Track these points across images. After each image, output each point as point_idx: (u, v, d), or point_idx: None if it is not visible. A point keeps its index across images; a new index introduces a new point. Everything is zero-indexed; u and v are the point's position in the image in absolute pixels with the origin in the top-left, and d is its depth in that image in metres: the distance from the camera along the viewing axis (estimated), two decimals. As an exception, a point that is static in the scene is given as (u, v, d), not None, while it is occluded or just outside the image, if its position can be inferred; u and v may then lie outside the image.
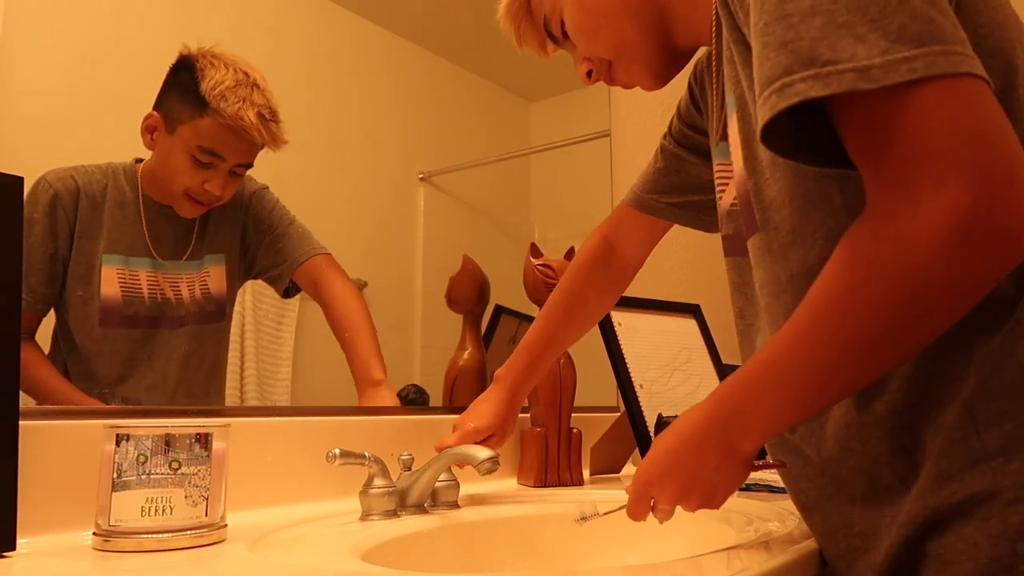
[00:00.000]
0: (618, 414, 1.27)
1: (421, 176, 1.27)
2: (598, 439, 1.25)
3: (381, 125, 1.20)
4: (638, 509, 0.67)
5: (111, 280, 0.85)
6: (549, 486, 1.11)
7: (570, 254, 1.22)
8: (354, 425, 0.99)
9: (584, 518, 0.75)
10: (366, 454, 0.85)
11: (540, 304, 1.22)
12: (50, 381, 0.81)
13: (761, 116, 0.50)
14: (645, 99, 1.76)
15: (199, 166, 0.90)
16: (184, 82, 0.90)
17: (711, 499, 0.63)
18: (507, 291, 1.35)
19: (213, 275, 0.92)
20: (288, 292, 1.03)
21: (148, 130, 0.88)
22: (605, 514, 0.74)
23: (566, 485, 1.12)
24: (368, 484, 0.85)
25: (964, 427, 0.53)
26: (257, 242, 0.98)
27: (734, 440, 0.58)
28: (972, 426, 0.53)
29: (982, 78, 0.47)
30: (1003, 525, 0.51)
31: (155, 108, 0.89)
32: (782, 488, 0.98)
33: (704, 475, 0.61)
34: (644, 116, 1.75)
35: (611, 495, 1.04)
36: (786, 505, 0.90)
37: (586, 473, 1.24)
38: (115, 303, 0.85)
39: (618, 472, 1.29)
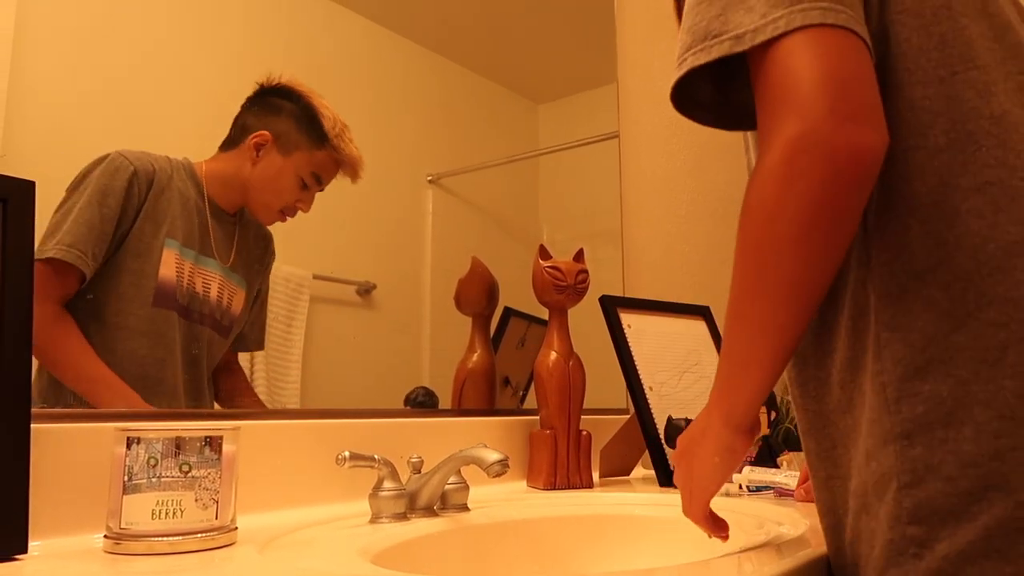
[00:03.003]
0: (628, 416, 1.27)
1: (430, 178, 1.27)
2: (608, 441, 1.25)
3: (390, 128, 1.20)
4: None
5: (169, 263, 0.87)
6: (559, 488, 1.11)
7: (579, 256, 1.22)
8: (363, 428, 1.00)
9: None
10: (375, 456, 0.85)
11: (549, 306, 1.22)
12: (91, 364, 0.82)
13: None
14: (653, 101, 1.76)
15: (302, 187, 0.97)
16: (297, 113, 0.98)
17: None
18: (516, 293, 1.35)
19: (238, 294, 0.94)
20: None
21: (256, 146, 0.95)
22: None
23: (575, 488, 1.12)
24: (378, 487, 0.85)
25: (879, 406, 0.54)
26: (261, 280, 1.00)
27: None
28: (885, 405, 0.54)
29: (847, 28, 0.51)
30: (897, 508, 0.52)
31: (263, 128, 0.95)
32: (793, 491, 0.98)
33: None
34: (652, 117, 1.75)
35: (620, 498, 1.04)
36: (798, 508, 0.89)
37: (596, 476, 1.24)
38: (169, 286, 0.87)
39: (628, 474, 1.29)
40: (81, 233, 0.80)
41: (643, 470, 1.35)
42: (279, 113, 0.97)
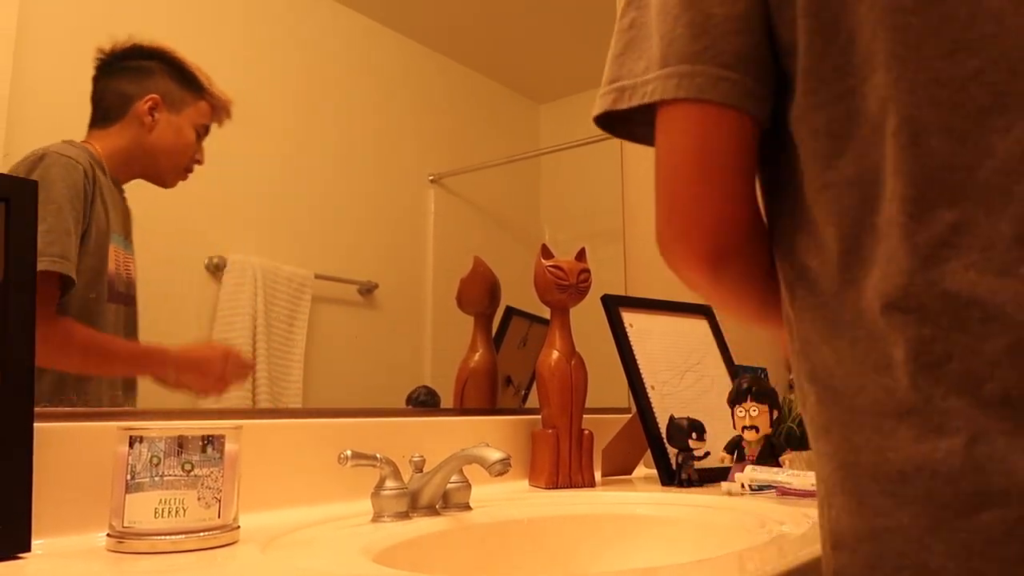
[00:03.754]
0: (630, 415, 1.27)
1: (432, 178, 1.27)
2: (609, 441, 1.25)
3: (392, 127, 1.20)
4: None
5: (113, 258, 0.86)
6: (561, 488, 1.11)
7: (581, 255, 1.22)
8: (365, 427, 1.00)
9: None
10: (377, 456, 0.85)
11: (550, 305, 1.22)
12: (123, 344, 0.84)
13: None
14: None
15: (198, 140, 0.95)
16: (170, 70, 0.93)
17: None
18: (518, 293, 1.35)
19: (133, 259, 0.91)
20: None
21: (150, 111, 0.90)
22: None
23: (577, 487, 1.12)
24: (380, 486, 0.85)
25: (802, 402, 0.53)
26: None
27: None
28: (804, 403, 0.52)
29: (710, 102, 0.49)
30: (824, 519, 0.49)
31: (145, 93, 0.90)
32: (796, 490, 0.98)
33: None
34: (654, 117, 1.75)
35: (622, 497, 1.04)
36: (800, 506, 0.89)
37: (598, 475, 1.23)
38: (114, 278, 0.86)
39: (630, 474, 1.29)
40: (65, 242, 0.79)
41: (645, 469, 1.35)
42: (152, 74, 0.92)
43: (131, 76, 0.90)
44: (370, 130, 1.16)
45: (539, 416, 1.18)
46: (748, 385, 1.11)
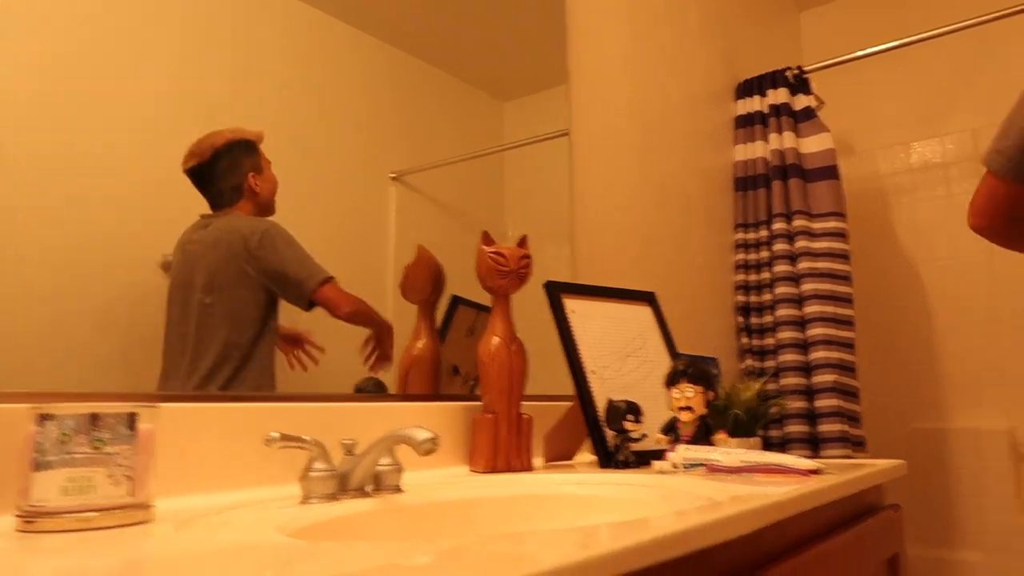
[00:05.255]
0: (573, 402, 1.27)
1: (393, 175, 1.27)
2: (552, 427, 1.26)
3: (352, 126, 1.20)
4: None
5: None
6: (499, 472, 1.12)
7: (522, 242, 1.23)
8: (305, 412, 0.99)
9: None
10: (306, 437, 0.85)
11: (492, 291, 1.23)
12: None
13: None
14: (602, 98, 1.77)
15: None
16: (239, 153, 1.09)
17: None
18: (479, 289, 1.35)
19: None
20: None
21: (253, 183, 1.09)
22: None
23: (516, 471, 1.13)
24: (308, 468, 0.85)
25: None
26: None
27: None
28: None
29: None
30: None
31: (243, 178, 1.08)
32: (724, 467, 0.99)
33: None
34: (602, 115, 1.76)
35: (560, 478, 1.05)
36: (726, 482, 0.91)
37: (541, 460, 1.24)
38: None
39: (571, 459, 1.29)
40: None
41: (590, 456, 1.36)
42: (237, 162, 1.07)
43: (227, 169, 1.06)
44: (330, 128, 1.16)
45: (482, 403, 1.18)
46: (684, 367, 1.12)
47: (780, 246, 2.19)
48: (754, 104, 2.38)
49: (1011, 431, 2.58)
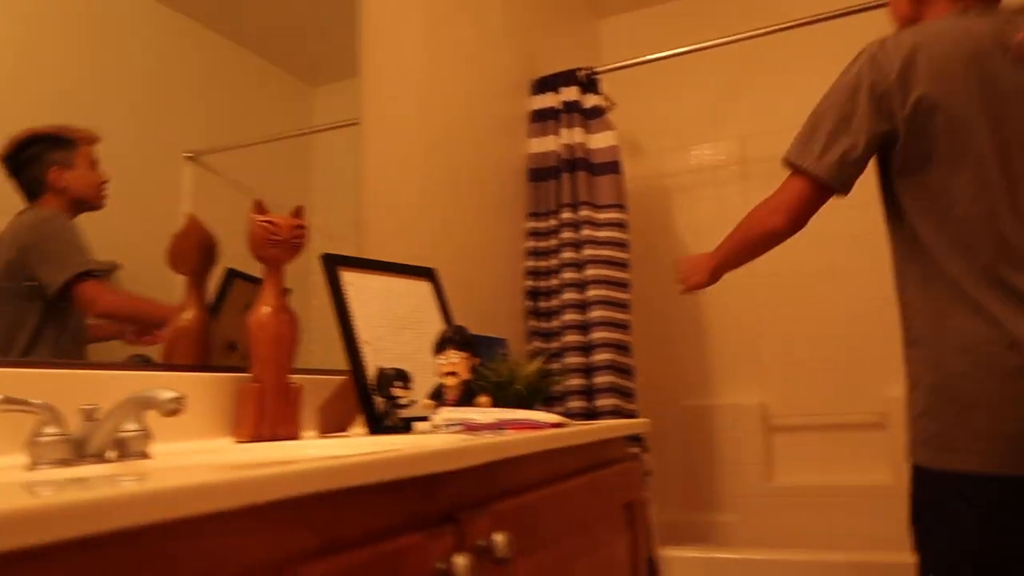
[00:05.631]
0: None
1: (188, 155, 1.22)
2: (326, 398, 1.27)
3: (147, 102, 1.14)
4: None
5: None
6: (264, 440, 1.11)
7: (298, 212, 1.22)
8: (51, 379, 0.93)
9: None
10: (34, 401, 0.80)
11: (264, 261, 1.21)
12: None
13: None
14: (395, 88, 1.80)
15: (95, 168, 1.15)
16: (51, 143, 1.10)
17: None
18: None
19: None
20: None
21: (58, 179, 1.08)
22: None
23: (281, 440, 1.12)
24: (36, 433, 0.80)
25: (903, 316, 1.16)
26: None
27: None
28: (905, 315, 1.14)
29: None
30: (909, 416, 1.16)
31: (47, 172, 1.07)
32: (480, 424, 1.05)
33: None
34: (395, 104, 1.79)
35: (324, 444, 1.06)
36: (479, 437, 0.96)
37: (313, 434, 1.24)
38: None
39: (346, 431, 1.31)
40: None
41: (362, 428, 1.38)
42: (38, 157, 1.06)
43: (28, 162, 1.05)
44: (123, 103, 1.11)
45: (251, 373, 1.17)
46: (451, 335, 1.17)
47: (567, 234, 2.32)
48: (548, 100, 2.51)
49: (764, 405, 2.91)
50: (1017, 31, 1.20)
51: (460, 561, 0.63)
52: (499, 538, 0.69)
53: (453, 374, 1.15)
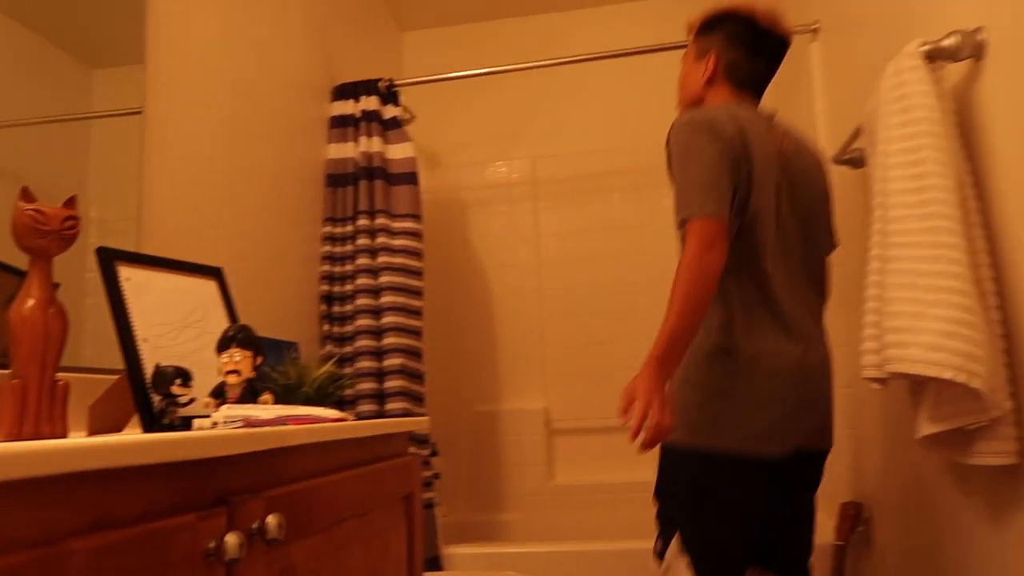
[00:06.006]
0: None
1: None
2: (98, 397, 1.21)
3: None
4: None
5: None
6: (25, 439, 1.05)
7: (70, 202, 1.17)
8: None
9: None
10: None
11: (30, 252, 1.14)
12: None
13: None
14: (186, 82, 1.75)
15: None
16: None
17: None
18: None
19: None
20: None
21: None
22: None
23: (45, 439, 1.07)
24: None
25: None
26: None
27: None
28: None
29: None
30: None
31: None
32: (261, 420, 1.06)
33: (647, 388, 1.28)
34: (185, 98, 1.74)
35: (89, 442, 1.02)
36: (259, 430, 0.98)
37: (82, 434, 1.19)
38: None
39: (121, 431, 1.26)
40: None
41: (138, 429, 1.33)
42: None
43: None
44: None
45: (11, 369, 1.10)
46: (234, 333, 1.18)
47: (363, 241, 2.36)
48: (348, 107, 2.53)
49: (547, 410, 3.11)
50: (781, 137, 1.50)
51: (231, 539, 0.66)
52: (271, 520, 0.73)
53: (236, 372, 1.16)
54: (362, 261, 2.34)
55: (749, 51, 1.55)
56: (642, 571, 2.13)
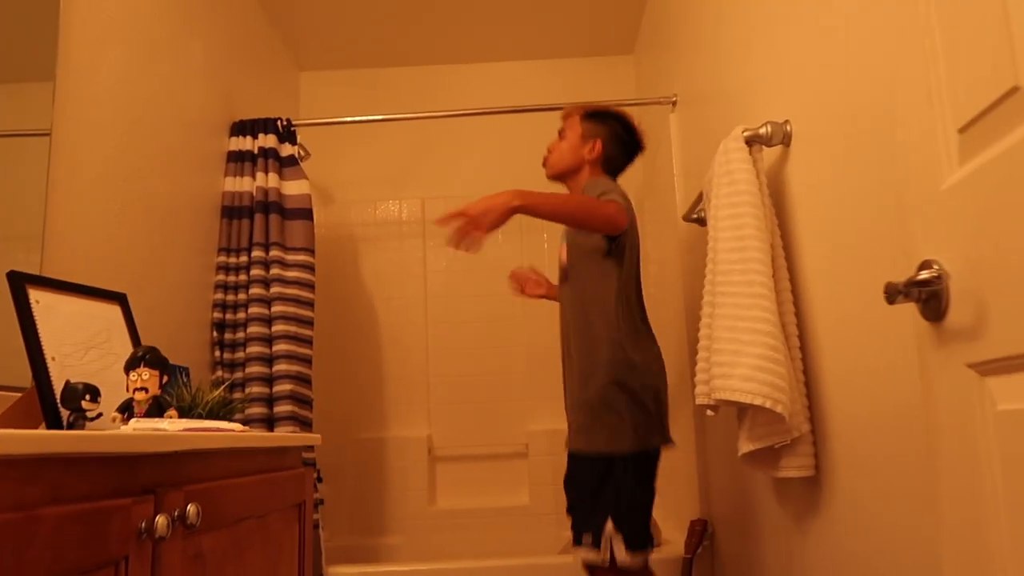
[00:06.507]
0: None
1: None
2: (3, 412, 1.29)
3: None
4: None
5: None
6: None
7: (-14, 229, 1.25)
8: None
9: None
10: None
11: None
12: None
13: None
14: (95, 103, 1.84)
15: None
16: None
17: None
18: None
19: None
20: None
21: None
22: None
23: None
24: None
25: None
26: None
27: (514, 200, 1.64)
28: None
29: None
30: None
31: None
32: (170, 432, 1.18)
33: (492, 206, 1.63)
34: (90, 128, 1.82)
35: None
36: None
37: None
38: None
39: (22, 444, 1.33)
40: None
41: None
42: None
43: None
44: None
45: None
46: (143, 353, 1.29)
47: (256, 271, 2.47)
48: (246, 143, 2.65)
49: (430, 437, 3.26)
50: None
51: (161, 520, 0.80)
52: (191, 508, 0.87)
53: (143, 390, 1.27)
54: (255, 291, 2.45)
55: (624, 150, 2.02)
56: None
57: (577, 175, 1.98)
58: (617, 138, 1.99)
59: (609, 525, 1.76)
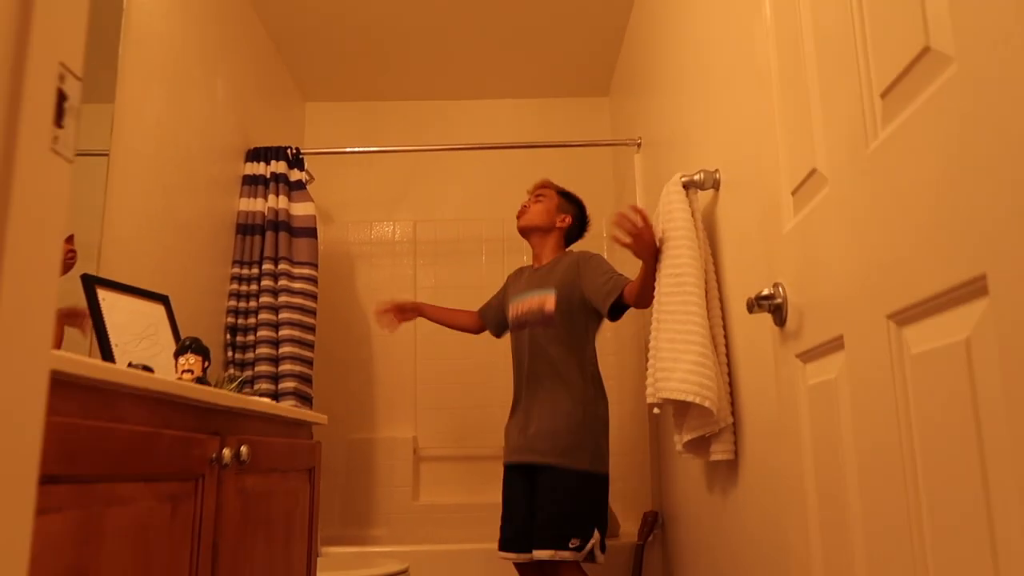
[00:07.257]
0: (93, 369, 1.63)
1: None
2: (73, 387, 1.60)
3: None
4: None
5: None
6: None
7: (69, 239, 1.57)
8: None
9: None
10: None
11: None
12: None
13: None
14: (146, 123, 2.16)
15: None
16: None
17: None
18: None
19: None
20: None
21: None
22: None
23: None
24: None
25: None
26: None
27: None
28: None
29: None
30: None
31: None
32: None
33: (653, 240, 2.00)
34: (138, 156, 2.15)
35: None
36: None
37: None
38: None
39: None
40: None
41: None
42: None
43: None
44: None
45: None
46: (190, 343, 1.61)
47: (266, 282, 2.79)
48: (259, 168, 2.98)
49: (415, 438, 3.57)
50: None
51: (226, 452, 1.12)
52: (244, 448, 1.19)
53: (190, 371, 1.58)
54: (265, 300, 2.76)
55: (580, 230, 2.58)
56: (486, 563, 2.62)
57: (547, 235, 2.50)
58: (579, 219, 2.56)
59: (596, 534, 2.20)
